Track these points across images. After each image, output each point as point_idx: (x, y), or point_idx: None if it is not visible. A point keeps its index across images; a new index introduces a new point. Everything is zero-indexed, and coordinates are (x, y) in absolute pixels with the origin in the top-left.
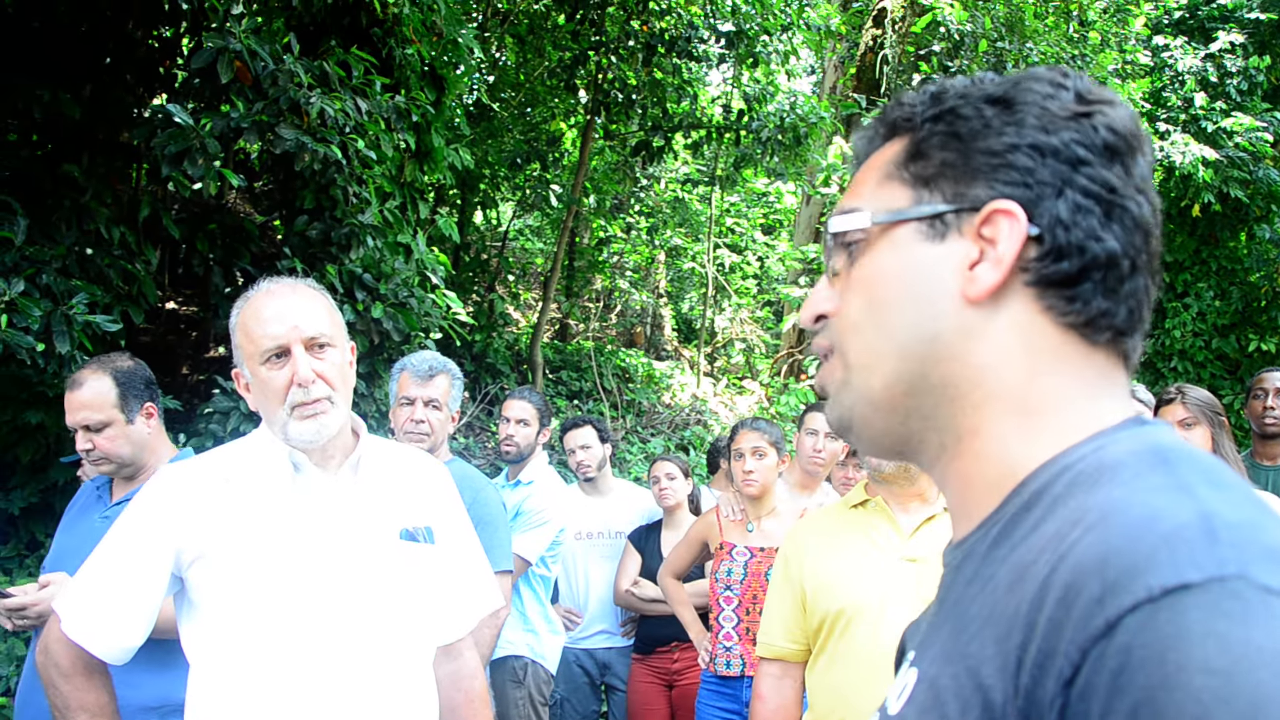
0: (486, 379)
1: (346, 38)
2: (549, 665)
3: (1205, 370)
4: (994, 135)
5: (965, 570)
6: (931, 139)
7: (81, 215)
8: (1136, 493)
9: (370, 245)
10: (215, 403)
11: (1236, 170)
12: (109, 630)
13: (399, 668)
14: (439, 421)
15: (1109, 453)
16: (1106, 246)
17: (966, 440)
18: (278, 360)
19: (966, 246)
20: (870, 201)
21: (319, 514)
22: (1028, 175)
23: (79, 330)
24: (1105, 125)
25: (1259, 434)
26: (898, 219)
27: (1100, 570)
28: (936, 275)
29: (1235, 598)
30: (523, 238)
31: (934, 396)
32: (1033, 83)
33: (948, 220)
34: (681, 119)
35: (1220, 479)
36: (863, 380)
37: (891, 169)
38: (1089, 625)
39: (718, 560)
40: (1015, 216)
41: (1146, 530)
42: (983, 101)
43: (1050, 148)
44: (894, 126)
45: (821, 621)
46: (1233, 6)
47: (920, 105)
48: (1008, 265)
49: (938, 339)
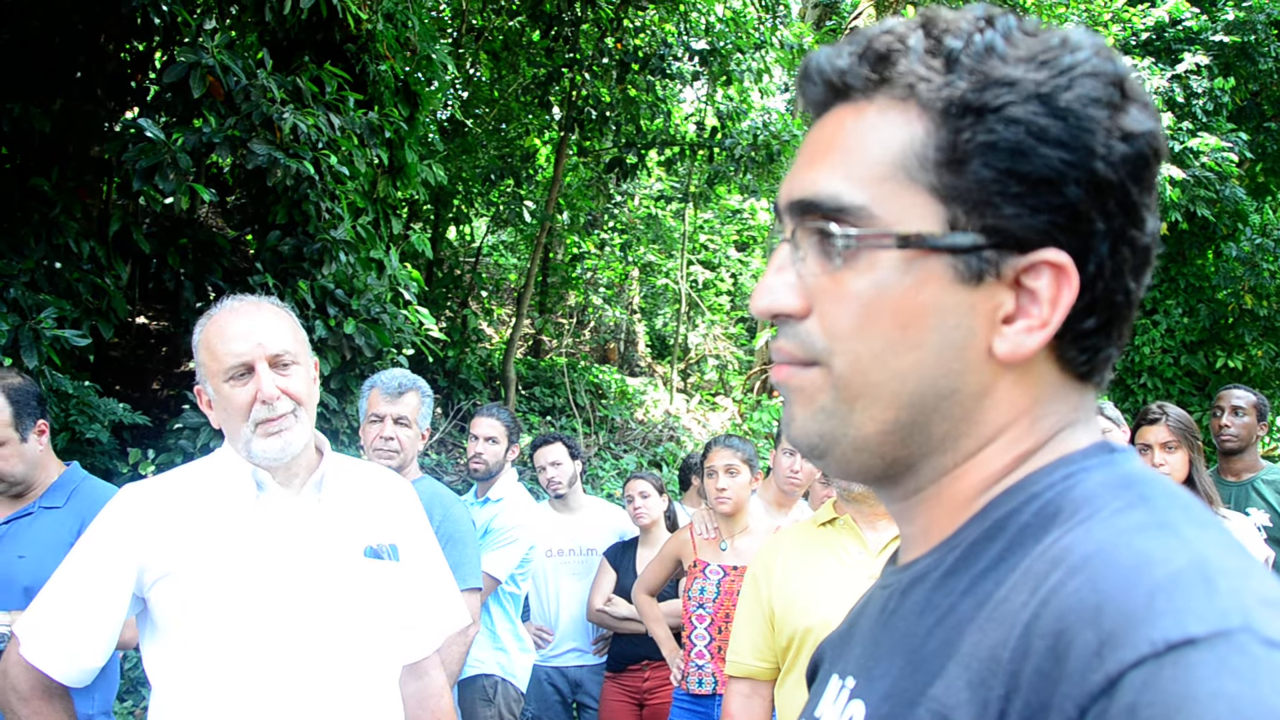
0: (459, 395)
1: (320, 53)
2: (519, 684)
3: (1174, 387)
4: (1049, 157)
5: (915, 596)
6: (974, 144)
7: (50, 229)
8: (1121, 533)
9: (343, 261)
10: (184, 418)
11: (1203, 189)
12: (69, 653)
13: (363, 686)
14: (408, 439)
15: (1080, 483)
16: (1131, 296)
17: (949, 483)
18: (241, 378)
19: (1002, 294)
20: (882, 203)
21: (282, 533)
22: (1081, 219)
23: (47, 345)
24: (1150, 146)
25: (1221, 450)
26: (929, 246)
27: (1095, 620)
28: (966, 326)
29: (1242, 653)
30: (496, 254)
31: (929, 446)
32: (1087, 79)
33: (985, 258)
34: (655, 136)
35: (1199, 518)
36: (858, 419)
37: (914, 167)
38: (1086, 680)
39: (691, 578)
40: (1068, 274)
41: (1140, 577)
42: (1034, 102)
43: (1106, 183)
44: (895, 80)
45: (790, 639)
46: (1198, 29)
47: (948, 75)
48: (1052, 331)
49: (952, 396)
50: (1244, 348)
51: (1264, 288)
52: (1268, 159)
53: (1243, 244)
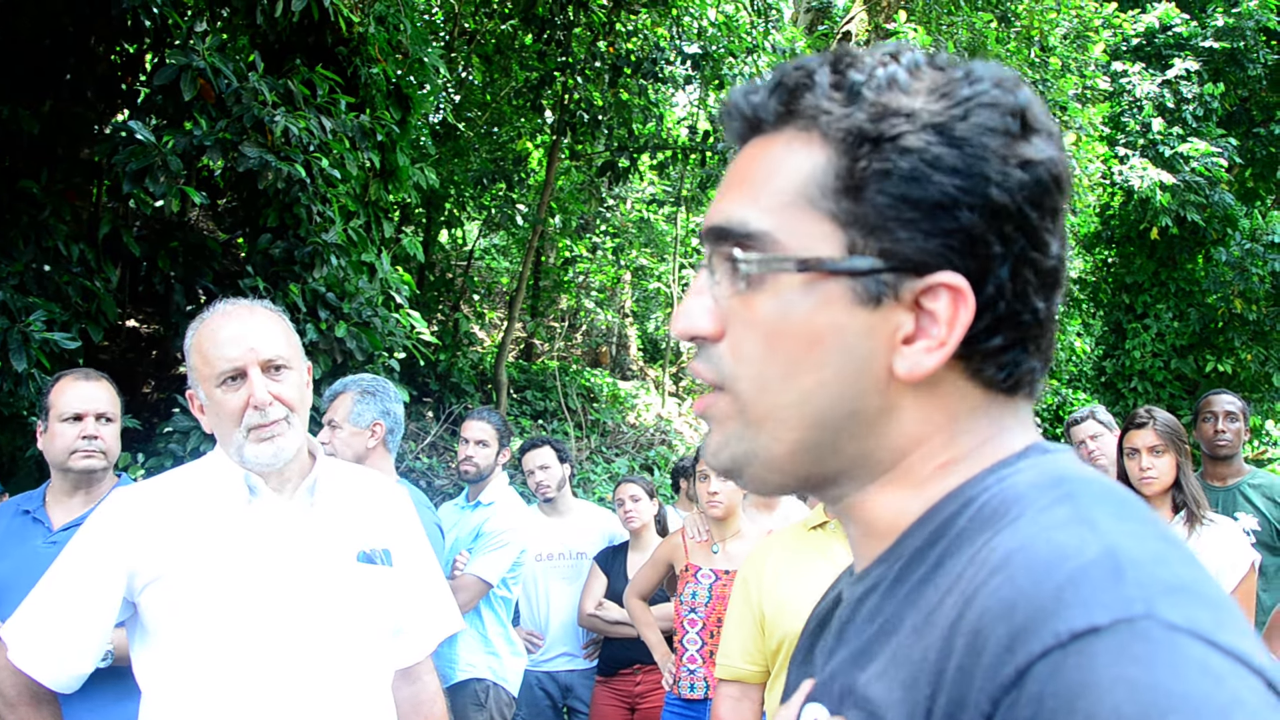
0: (451, 398)
1: (311, 56)
2: (511, 688)
3: (1164, 390)
4: (943, 184)
5: (868, 605)
6: (870, 173)
7: (40, 232)
8: (1041, 530)
9: (334, 264)
10: (175, 422)
11: (1193, 194)
12: (58, 658)
13: (356, 692)
14: (340, 440)
15: (1010, 484)
16: (1038, 314)
17: (876, 493)
18: (233, 383)
19: (901, 316)
20: (785, 229)
21: (274, 538)
22: (977, 242)
23: (36, 348)
24: (1050, 174)
25: (1210, 456)
26: (828, 270)
27: (1008, 615)
28: (866, 347)
29: (1143, 640)
30: (488, 257)
31: (840, 464)
32: (984, 110)
33: (883, 281)
34: (647, 140)
35: (1123, 510)
36: (764, 441)
37: (815, 195)
38: (999, 674)
39: (682, 582)
40: (964, 295)
41: (1051, 570)
42: (929, 132)
43: (1001, 208)
44: (801, 113)
45: (780, 643)
46: (1188, 35)
47: (849, 107)
48: (950, 350)
49: (857, 415)
50: (1233, 352)
51: (1253, 292)
52: (1257, 164)
53: (1232, 249)
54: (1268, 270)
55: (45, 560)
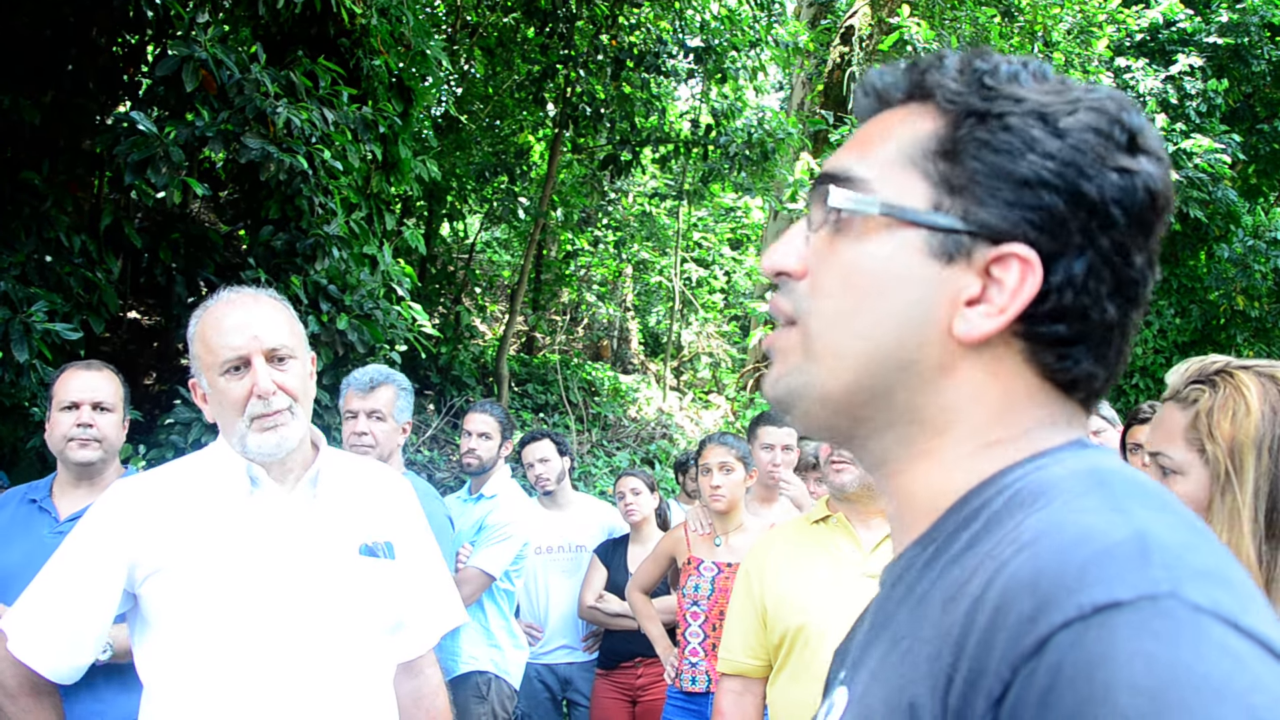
0: (452, 391)
1: (314, 48)
2: (513, 680)
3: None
4: (1035, 164)
5: (900, 587)
6: (970, 140)
7: (41, 223)
8: (1072, 512)
9: (336, 256)
10: (176, 413)
11: (1196, 191)
12: (58, 649)
13: (357, 685)
14: (383, 432)
15: (1048, 473)
16: (1106, 318)
17: (918, 460)
18: (237, 372)
19: (969, 279)
20: (881, 179)
21: (276, 529)
22: (1057, 225)
23: (38, 338)
24: (1145, 187)
25: None
26: (909, 219)
27: (1032, 588)
28: (931, 299)
29: (1165, 617)
30: (490, 250)
31: (893, 415)
32: (1091, 112)
33: (960, 241)
34: (650, 133)
35: (1156, 500)
36: (821, 375)
37: (917, 154)
38: (1020, 643)
39: (685, 575)
40: (1032, 268)
41: (1079, 548)
42: (1033, 117)
43: (1089, 201)
44: (925, 90)
45: (782, 637)
46: (1192, 31)
47: (966, 87)
48: (1009, 319)
49: (912, 366)
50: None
51: (1256, 289)
52: (1260, 161)
53: (1235, 245)
54: (1270, 267)
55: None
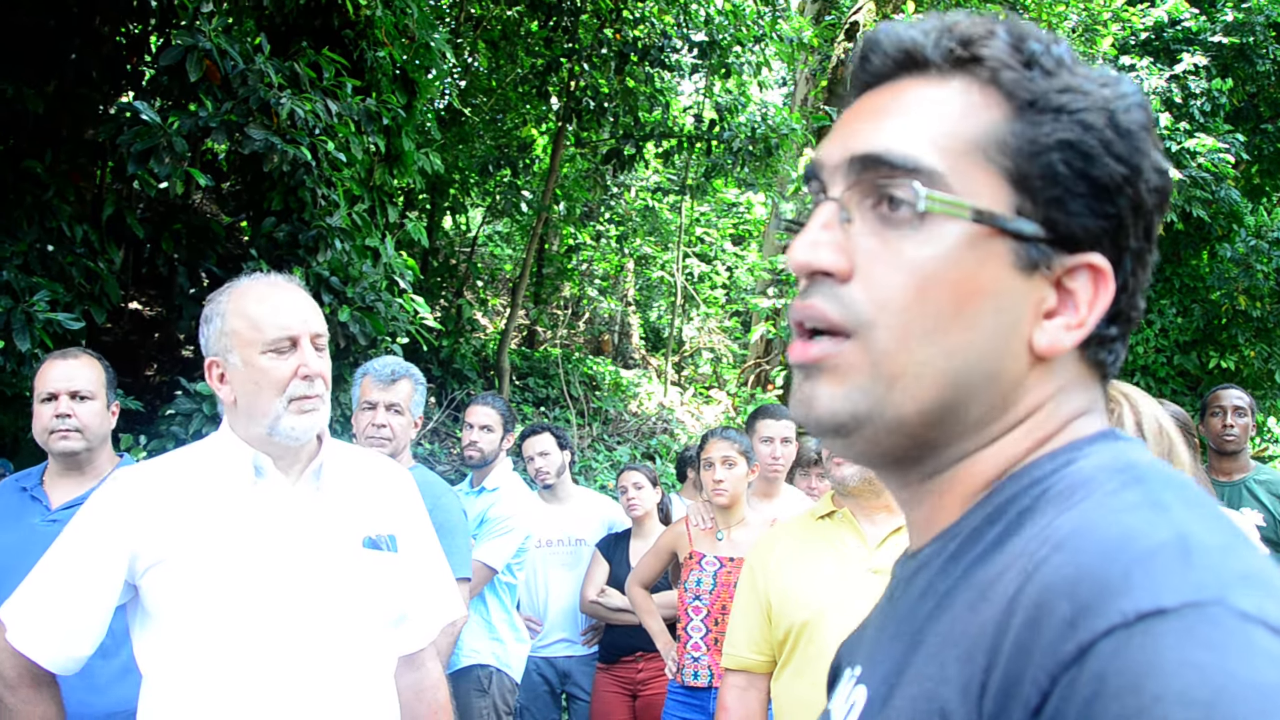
0: (453, 385)
1: (318, 39)
2: (514, 674)
3: (1166, 386)
4: (1112, 168)
5: (918, 583)
6: (1054, 139)
7: (43, 212)
8: (1110, 511)
9: (338, 248)
10: (178, 404)
11: (1199, 190)
12: (58, 640)
13: (360, 678)
14: (401, 426)
15: (1080, 467)
16: (1142, 311)
17: (965, 467)
18: (283, 352)
19: (1046, 289)
20: (958, 174)
21: (280, 520)
22: (1122, 232)
23: (40, 328)
24: (1167, 185)
25: (1217, 451)
26: (1000, 226)
27: (1071, 591)
28: (1015, 313)
29: (1213, 625)
30: (492, 244)
31: (960, 431)
32: (1139, 109)
33: (1042, 251)
34: (653, 128)
35: (1193, 498)
36: (897, 398)
37: (993, 150)
38: (1059, 650)
39: (687, 570)
40: (1107, 279)
41: (1120, 550)
42: (1101, 113)
43: (1142, 206)
44: (976, 62)
45: (787, 633)
46: (1197, 30)
47: (1029, 71)
48: (1087, 332)
49: (994, 380)
50: (1237, 348)
51: (1258, 289)
52: (1264, 161)
53: (1237, 245)
54: (1272, 267)
55: (42, 538)
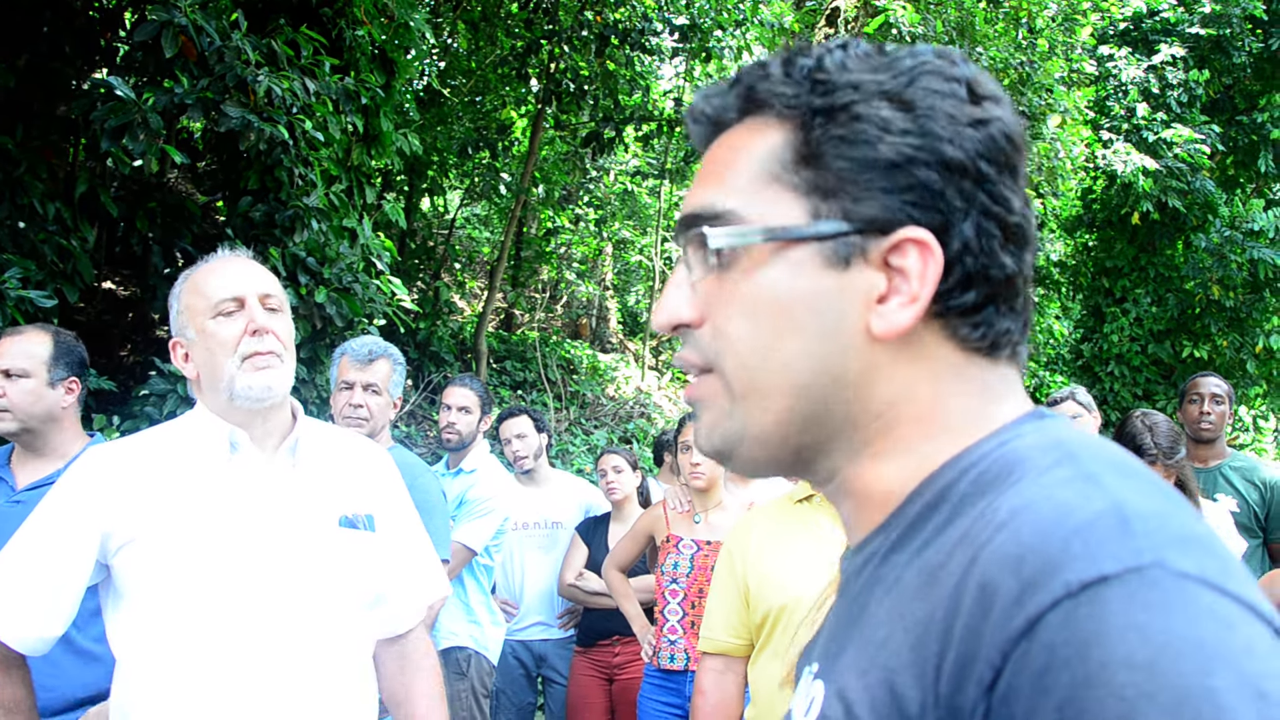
0: (430, 367)
1: (296, 16)
2: (491, 656)
3: (1140, 375)
4: (896, 144)
5: (864, 575)
6: (826, 140)
7: (15, 189)
8: (1045, 487)
9: (315, 229)
10: (151, 385)
11: (1175, 180)
12: (28, 621)
13: (336, 658)
14: (378, 406)
15: (1012, 448)
16: (1007, 270)
17: (868, 464)
18: (231, 315)
19: (871, 276)
20: (750, 205)
21: (255, 496)
22: (937, 197)
23: (11, 306)
24: (1002, 133)
25: (1193, 438)
26: (795, 237)
27: (1016, 569)
28: (839, 308)
29: (1153, 587)
30: (470, 226)
31: (830, 430)
32: (929, 77)
33: (850, 242)
34: (633, 111)
35: (1126, 468)
36: (752, 415)
37: (778, 169)
38: (1008, 626)
39: (664, 553)
40: (930, 248)
41: (1059, 525)
42: (879, 99)
43: (957, 163)
44: (758, 102)
45: (765, 616)
46: (1175, 21)
47: (801, 88)
48: (923, 305)
49: (840, 378)
50: (1210, 338)
51: (1231, 279)
52: (1239, 152)
53: (1212, 236)
54: (1246, 258)
55: (6, 518)
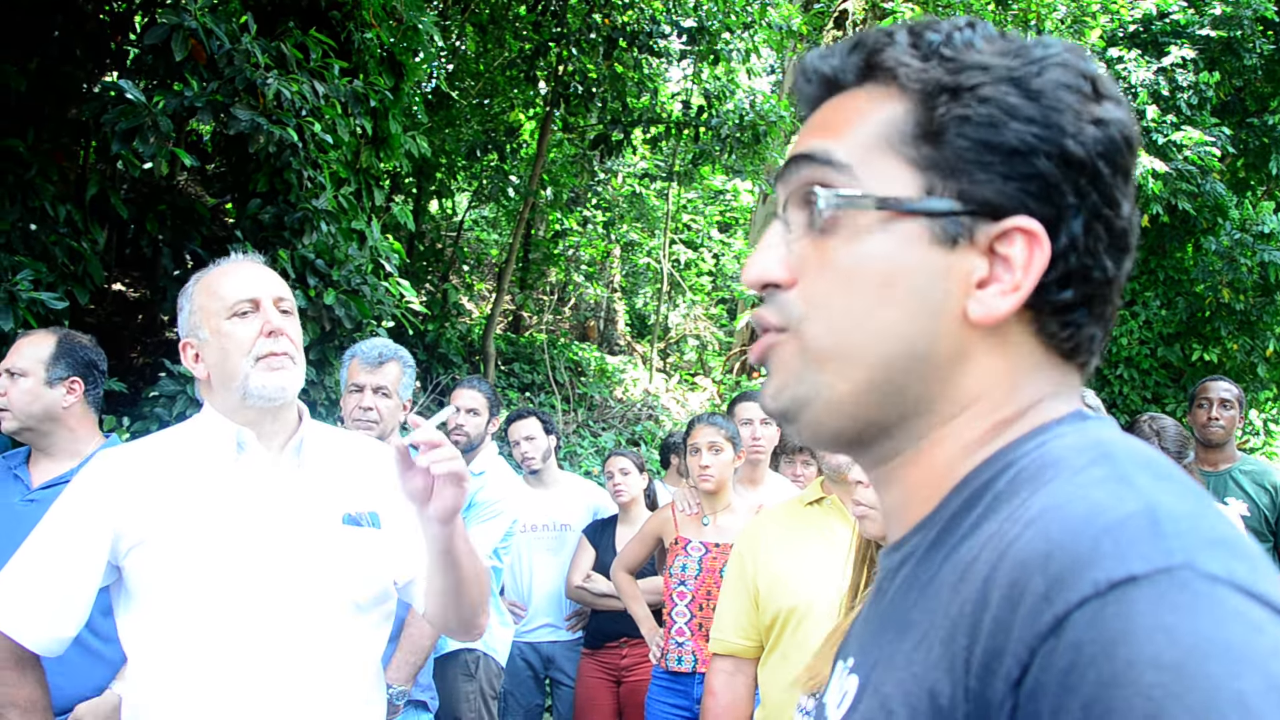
0: (438, 369)
1: (305, 19)
2: (500, 658)
3: (1150, 378)
4: (1020, 131)
5: (903, 573)
6: (951, 118)
7: (26, 191)
8: (1077, 487)
9: (324, 231)
10: (161, 386)
11: (1185, 183)
12: (43, 622)
13: (342, 655)
14: (388, 409)
15: (1051, 448)
16: (1108, 272)
17: (927, 449)
18: (245, 315)
19: (976, 260)
20: (867, 168)
21: (261, 496)
22: (1053, 190)
23: (23, 308)
24: (1121, 134)
25: (1202, 442)
26: (906, 209)
27: (1044, 566)
28: (940, 287)
29: (1183, 589)
30: (478, 228)
31: (904, 409)
32: (1057, 68)
33: (960, 223)
34: (641, 114)
35: (1161, 471)
36: (827, 380)
37: (896, 140)
38: (1036, 623)
39: (672, 555)
40: (1039, 240)
41: (1089, 523)
42: (1007, 83)
43: (1077, 159)
44: (882, 69)
45: (774, 618)
46: (1185, 23)
47: (929, 63)
48: (1025, 295)
49: (927, 358)
50: (1220, 341)
51: (1241, 282)
52: (1249, 154)
53: (1222, 238)
54: (1256, 261)
55: (20, 517)
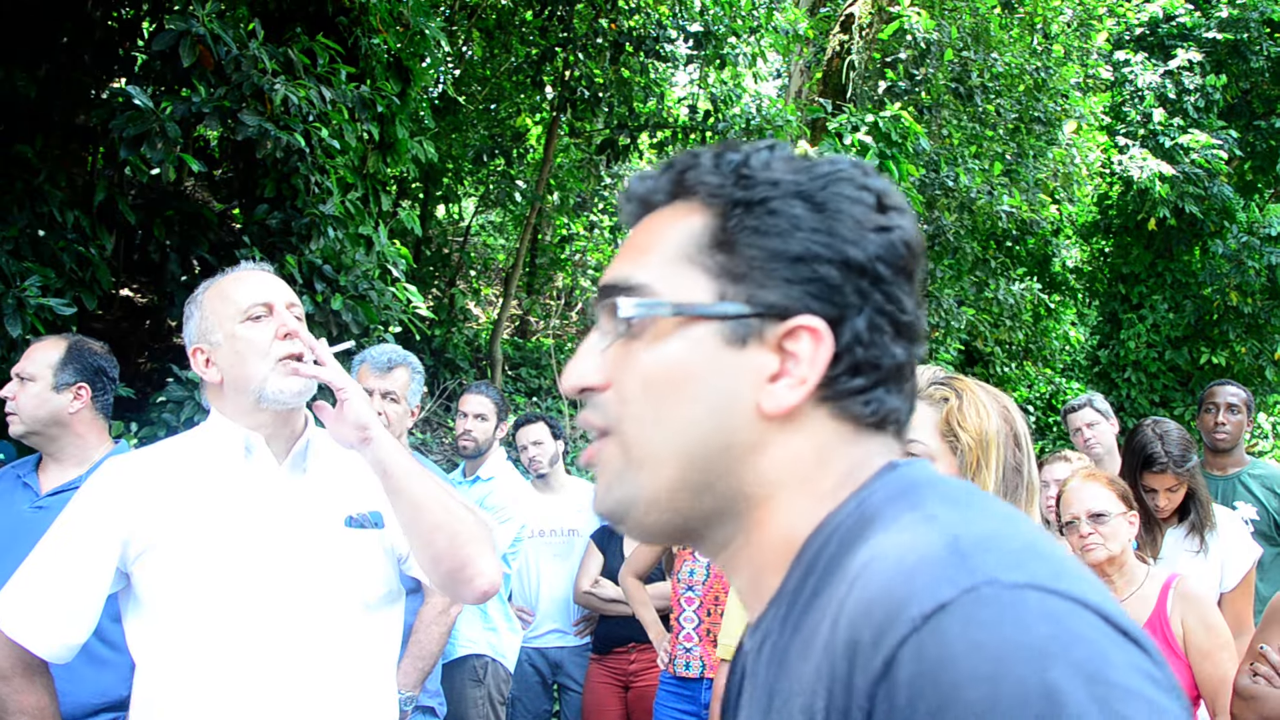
0: (445, 374)
1: (312, 25)
2: (508, 663)
3: (1158, 381)
4: (804, 240)
5: (765, 654)
6: (741, 229)
7: (34, 197)
8: (889, 535)
9: (331, 236)
10: (169, 391)
11: (1192, 186)
12: (52, 629)
13: (351, 657)
14: (396, 414)
15: (867, 505)
16: (897, 359)
17: (754, 532)
18: (260, 319)
19: (766, 357)
20: (663, 280)
21: (268, 501)
22: (835, 291)
23: (31, 314)
24: (902, 241)
25: (1210, 447)
26: (699, 314)
27: (869, 617)
28: (733, 385)
29: (988, 604)
30: (485, 233)
31: (718, 499)
32: (843, 183)
33: (750, 325)
34: (647, 118)
35: (961, 499)
36: (644, 479)
37: (693, 251)
38: (869, 670)
39: (680, 560)
40: (821, 336)
41: (899, 567)
42: (795, 198)
43: (857, 264)
44: (686, 187)
45: None
46: (1192, 26)
47: (726, 180)
48: (811, 387)
49: (728, 451)
50: (1228, 344)
51: (1249, 285)
52: (1256, 157)
53: (1229, 241)
54: (1264, 264)
55: (29, 524)
